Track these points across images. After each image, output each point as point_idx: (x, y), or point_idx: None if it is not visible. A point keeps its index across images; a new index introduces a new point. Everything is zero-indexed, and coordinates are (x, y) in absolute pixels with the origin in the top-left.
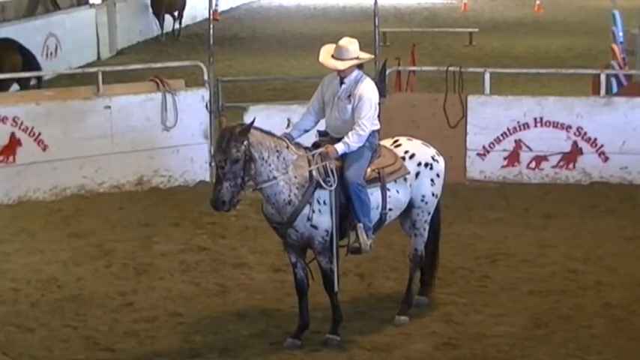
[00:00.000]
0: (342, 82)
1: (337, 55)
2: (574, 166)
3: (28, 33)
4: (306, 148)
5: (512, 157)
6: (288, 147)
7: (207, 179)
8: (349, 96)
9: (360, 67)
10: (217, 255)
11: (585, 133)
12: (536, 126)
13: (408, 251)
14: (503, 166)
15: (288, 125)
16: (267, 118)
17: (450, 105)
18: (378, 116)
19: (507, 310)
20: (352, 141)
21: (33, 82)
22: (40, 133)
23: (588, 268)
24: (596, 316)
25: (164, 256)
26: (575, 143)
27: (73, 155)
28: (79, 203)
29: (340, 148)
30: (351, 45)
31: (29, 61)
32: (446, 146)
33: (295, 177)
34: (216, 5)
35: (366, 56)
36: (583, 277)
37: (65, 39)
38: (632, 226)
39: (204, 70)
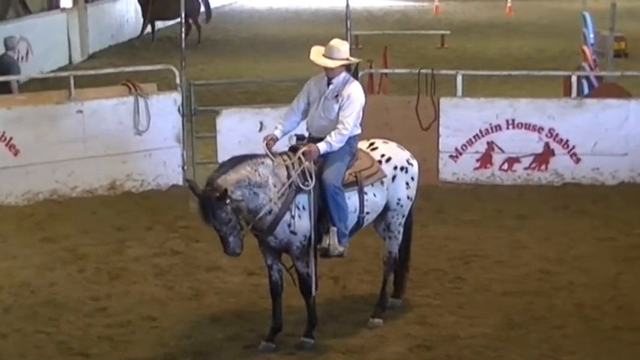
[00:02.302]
0: (329, 83)
1: (328, 55)
2: (546, 168)
3: None
4: (281, 154)
5: (485, 159)
6: (263, 162)
7: (180, 183)
8: (336, 96)
9: (347, 69)
10: (191, 259)
11: (557, 135)
12: (508, 128)
13: (382, 254)
14: (475, 168)
15: (261, 129)
16: (240, 121)
17: (423, 107)
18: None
19: (481, 311)
20: (334, 140)
21: None
22: (11, 138)
23: (561, 269)
24: (569, 317)
25: (137, 260)
26: (547, 145)
27: (46, 160)
28: (51, 208)
29: (322, 147)
30: (342, 46)
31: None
32: (418, 148)
33: (275, 186)
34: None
35: (354, 59)
36: (556, 277)
37: (36, 43)
38: (604, 227)
39: (177, 73)
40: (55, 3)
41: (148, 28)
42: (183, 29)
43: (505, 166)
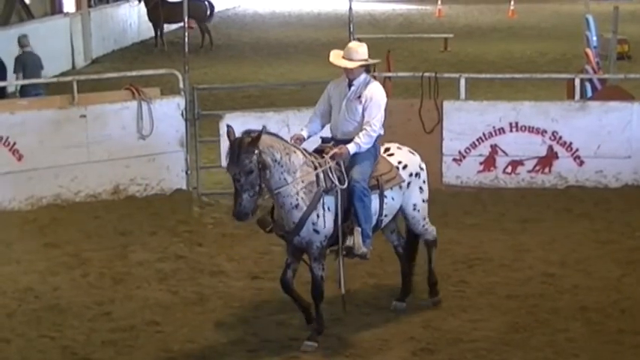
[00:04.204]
0: (350, 85)
1: (347, 56)
2: (550, 171)
3: (1, 42)
4: (311, 154)
5: (488, 162)
6: (295, 151)
7: (184, 187)
8: (359, 97)
9: (367, 70)
10: (194, 263)
11: (560, 138)
12: (511, 131)
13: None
14: (479, 171)
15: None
16: (243, 125)
17: (426, 110)
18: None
19: (485, 314)
20: (363, 142)
21: None
22: (15, 143)
23: (565, 272)
24: (572, 320)
25: (141, 264)
26: (550, 147)
27: (49, 164)
28: (54, 213)
29: (352, 148)
30: (360, 47)
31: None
32: (422, 152)
33: (302, 181)
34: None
35: (373, 60)
36: (559, 280)
37: (39, 48)
38: (607, 230)
39: (180, 78)
40: (58, 8)
41: (150, 32)
42: (186, 33)
43: (508, 169)
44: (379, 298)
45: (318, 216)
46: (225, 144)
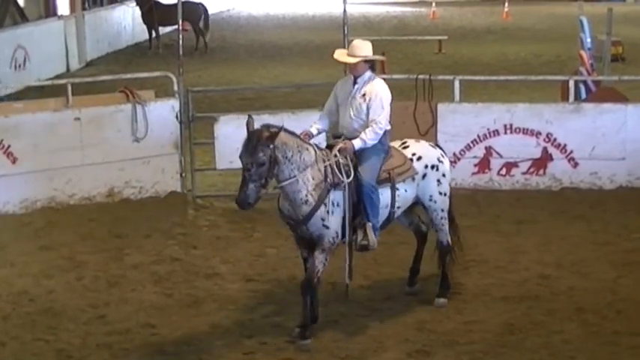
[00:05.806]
0: (355, 82)
1: (350, 53)
2: (544, 172)
3: None
4: (322, 150)
5: (483, 164)
6: (308, 148)
7: (179, 190)
8: (363, 95)
9: (372, 69)
10: (189, 266)
11: (555, 139)
12: (506, 133)
13: (435, 245)
14: (473, 173)
15: None
16: (237, 127)
17: (420, 113)
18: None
19: (480, 316)
20: (369, 138)
21: None
22: (9, 146)
23: (560, 274)
24: (568, 322)
25: (136, 267)
26: (545, 149)
27: (43, 167)
28: (49, 216)
29: (357, 143)
30: (363, 44)
31: None
32: None
33: (312, 178)
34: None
35: (376, 56)
36: (555, 282)
37: (34, 51)
38: (602, 231)
39: (174, 80)
40: (52, 11)
41: (144, 35)
42: (180, 35)
43: (503, 171)
44: (374, 300)
45: (327, 212)
46: (219, 147)
